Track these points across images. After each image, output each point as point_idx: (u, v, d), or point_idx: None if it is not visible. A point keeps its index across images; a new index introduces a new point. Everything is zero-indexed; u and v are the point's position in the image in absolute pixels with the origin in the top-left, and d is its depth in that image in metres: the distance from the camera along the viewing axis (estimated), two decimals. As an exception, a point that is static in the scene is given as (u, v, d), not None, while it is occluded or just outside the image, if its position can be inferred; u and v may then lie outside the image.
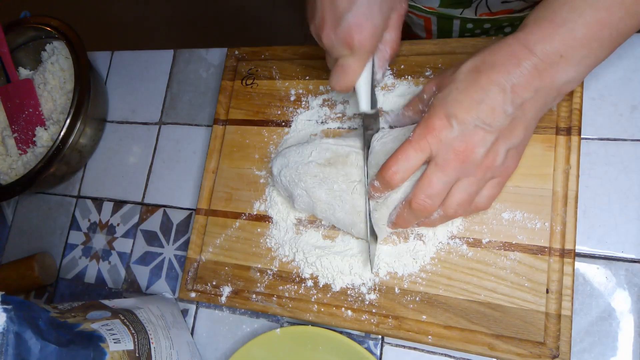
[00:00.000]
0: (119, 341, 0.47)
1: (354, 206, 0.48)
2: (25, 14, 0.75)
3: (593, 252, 0.48)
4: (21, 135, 0.72)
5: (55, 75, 0.72)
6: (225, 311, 0.60)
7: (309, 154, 0.50)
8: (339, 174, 0.48)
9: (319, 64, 0.60)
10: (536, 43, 0.38)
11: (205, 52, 0.71)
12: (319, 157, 0.50)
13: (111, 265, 0.67)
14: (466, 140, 0.39)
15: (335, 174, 0.48)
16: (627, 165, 0.48)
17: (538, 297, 0.45)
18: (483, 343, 0.46)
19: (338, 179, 0.48)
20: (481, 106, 0.38)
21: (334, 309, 0.51)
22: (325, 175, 0.49)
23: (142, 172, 0.69)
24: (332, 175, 0.49)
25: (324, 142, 0.51)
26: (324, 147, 0.50)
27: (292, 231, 0.55)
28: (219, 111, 0.63)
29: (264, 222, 0.57)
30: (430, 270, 0.49)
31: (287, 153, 0.52)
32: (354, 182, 0.48)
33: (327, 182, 0.49)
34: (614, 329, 0.46)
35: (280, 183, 0.52)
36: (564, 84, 0.39)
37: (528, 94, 0.38)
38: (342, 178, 0.48)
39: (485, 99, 0.38)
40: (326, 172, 0.49)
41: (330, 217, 0.50)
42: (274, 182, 0.54)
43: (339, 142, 0.50)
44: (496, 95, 0.38)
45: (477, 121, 0.38)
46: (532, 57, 0.38)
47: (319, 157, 0.50)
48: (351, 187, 0.48)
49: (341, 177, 0.48)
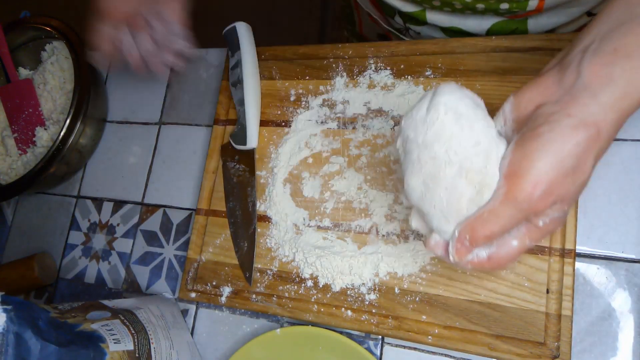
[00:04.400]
0: (119, 341, 0.47)
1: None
2: (25, 14, 0.75)
3: (593, 252, 0.48)
4: (21, 136, 0.72)
5: (55, 75, 0.72)
6: (225, 311, 0.60)
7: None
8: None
9: (318, 64, 0.60)
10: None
11: (205, 52, 0.71)
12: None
13: (111, 266, 0.67)
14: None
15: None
16: (627, 165, 0.48)
17: (538, 297, 0.45)
18: (483, 343, 0.46)
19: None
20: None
21: (333, 309, 0.51)
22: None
23: (142, 172, 0.69)
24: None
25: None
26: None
27: (292, 231, 0.55)
28: (219, 111, 0.63)
29: (263, 222, 0.57)
30: (430, 270, 0.49)
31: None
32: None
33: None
34: (614, 329, 0.46)
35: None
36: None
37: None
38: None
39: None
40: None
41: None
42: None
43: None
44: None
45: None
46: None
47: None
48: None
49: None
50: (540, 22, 0.57)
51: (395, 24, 0.65)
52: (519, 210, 0.33)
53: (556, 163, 0.32)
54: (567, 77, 0.33)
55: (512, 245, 0.35)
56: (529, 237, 0.35)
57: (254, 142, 0.59)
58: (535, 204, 0.33)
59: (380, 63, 0.57)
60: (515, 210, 0.33)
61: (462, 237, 0.35)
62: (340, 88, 0.58)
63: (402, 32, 0.66)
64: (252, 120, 0.59)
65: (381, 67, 0.57)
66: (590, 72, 0.32)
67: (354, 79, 0.58)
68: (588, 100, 0.32)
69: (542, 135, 0.32)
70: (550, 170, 0.32)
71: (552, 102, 0.33)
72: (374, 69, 0.57)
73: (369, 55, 0.58)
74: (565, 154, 0.32)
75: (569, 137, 0.32)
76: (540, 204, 0.33)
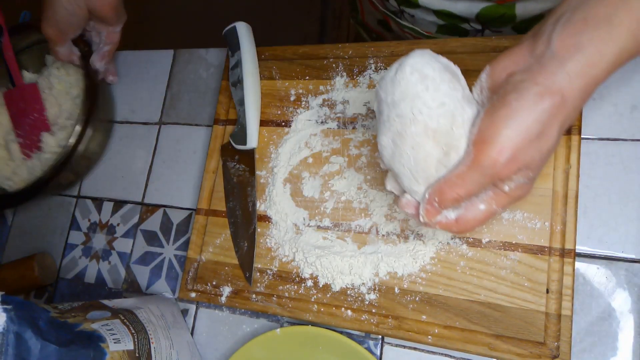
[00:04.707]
0: (119, 341, 0.47)
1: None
2: (25, 14, 0.75)
3: (593, 252, 0.48)
4: (26, 140, 0.71)
5: (61, 80, 0.71)
6: (225, 311, 0.60)
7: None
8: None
9: (318, 64, 0.60)
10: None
11: (205, 52, 0.71)
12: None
13: (111, 265, 0.67)
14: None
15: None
16: (627, 165, 0.48)
17: (538, 297, 0.45)
18: (483, 343, 0.46)
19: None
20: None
21: (333, 309, 0.51)
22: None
23: (142, 172, 0.69)
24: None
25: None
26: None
27: (292, 231, 0.55)
28: (219, 111, 0.63)
29: (263, 222, 0.57)
30: (430, 270, 0.49)
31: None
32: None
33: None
34: (614, 329, 0.46)
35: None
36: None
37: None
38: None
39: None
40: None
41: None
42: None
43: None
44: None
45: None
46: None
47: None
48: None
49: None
50: (528, 7, 0.57)
51: (391, 7, 0.66)
52: (484, 175, 0.34)
53: (521, 130, 0.33)
54: (538, 46, 0.34)
55: (479, 209, 0.37)
56: (496, 202, 0.37)
57: (254, 142, 0.59)
58: (501, 169, 0.34)
59: (380, 63, 0.57)
60: (481, 175, 0.35)
61: (432, 198, 0.37)
62: (340, 88, 0.58)
63: (397, 14, 0.67)
64: (252, 120, 0.59)
65: (381, 67, 0.57)
66: (559, 41, 0.33)
67: (354, 78, 0.58)
68: (555, 68, 0.33)
69: (509, 103, 0.33)
70: (515, 137, 0.33)
71: (522, 70, 0.34)
72: (374, 69, 0.57)
73: (369, 55, 0.58)
74: (531, 122, 0.33)
75: (534, 104, 0.33)
76: (505, 170, 0.34)
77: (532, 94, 0.33)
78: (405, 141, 0.37)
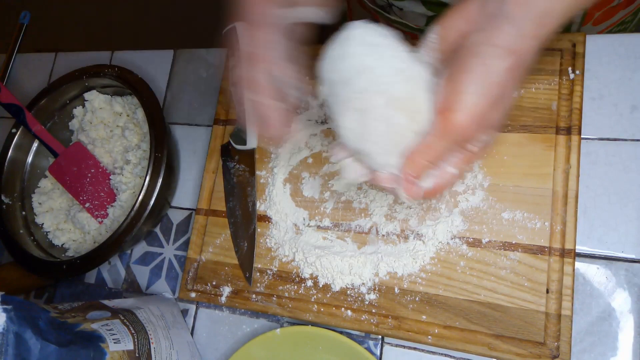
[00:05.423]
0: (119, 341, 0.47)
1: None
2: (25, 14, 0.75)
3: (593, 252, 0.48)
4: (94, 202, 0.66)
5: (95, 127, 0.68)
6: (225, 311, 0.60)
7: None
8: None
9: (318, 64, 0.60)
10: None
11: (205, 52, 0.71)
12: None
13: (111, 265, 0.67)
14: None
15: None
16: (627, 165, 0.48)
17: (538, 297, 0.45)
18: (483, 343, 0.46)
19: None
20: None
21: (333, 309, 0.51)
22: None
23: (142, 172, 0.69)
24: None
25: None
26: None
27: (292, 231, 0.55)
28: (219, 111, 0.63)
29: (263, 222, 0.57)
30: (430, 270, 0.49)
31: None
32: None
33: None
34: (614, 329, 0.46)
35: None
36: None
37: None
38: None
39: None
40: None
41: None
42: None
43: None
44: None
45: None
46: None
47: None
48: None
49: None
50: None
51: (380, 1, 0.66)
52: (452, 141, 0.35)
53: (484, 95, 0.34)
54: (489, 4, 0.34)
55: (451, 173, 0.38)
56: (464, 162, 0.38)
57: (254, 142, 0.59)
58: (467, 134, 0.35)
59: (380, 63, 0.57)
60: (449, 142, 0.35)
61: (406, 173, 0.36)
62: (340, 88, 0.58)
63: (386, 9, 0.67)
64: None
65: (381, 67, 0.57)
66: (511, 1, 0.33)
67: (354, 79, 0.58)
68: (510, 28, 0.33)
69: (470, 69, 0.34)
70: (479, 102, 0.34)
71: (476, 30, 0.34)
72: (374, 69, 0.57)
73: (368, 55, 0.58)
74: (493, 85, 0.34)
75: (494, 68, 0.33)
76: (471, 134, 0.35)
77: (491, 57, 0.33)
78: (370, 116, 0.35)
